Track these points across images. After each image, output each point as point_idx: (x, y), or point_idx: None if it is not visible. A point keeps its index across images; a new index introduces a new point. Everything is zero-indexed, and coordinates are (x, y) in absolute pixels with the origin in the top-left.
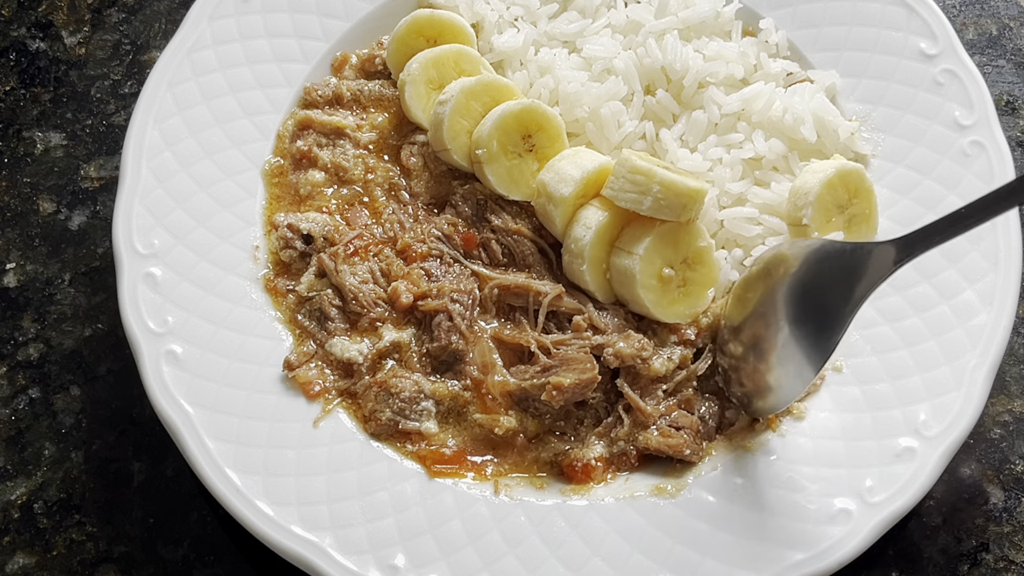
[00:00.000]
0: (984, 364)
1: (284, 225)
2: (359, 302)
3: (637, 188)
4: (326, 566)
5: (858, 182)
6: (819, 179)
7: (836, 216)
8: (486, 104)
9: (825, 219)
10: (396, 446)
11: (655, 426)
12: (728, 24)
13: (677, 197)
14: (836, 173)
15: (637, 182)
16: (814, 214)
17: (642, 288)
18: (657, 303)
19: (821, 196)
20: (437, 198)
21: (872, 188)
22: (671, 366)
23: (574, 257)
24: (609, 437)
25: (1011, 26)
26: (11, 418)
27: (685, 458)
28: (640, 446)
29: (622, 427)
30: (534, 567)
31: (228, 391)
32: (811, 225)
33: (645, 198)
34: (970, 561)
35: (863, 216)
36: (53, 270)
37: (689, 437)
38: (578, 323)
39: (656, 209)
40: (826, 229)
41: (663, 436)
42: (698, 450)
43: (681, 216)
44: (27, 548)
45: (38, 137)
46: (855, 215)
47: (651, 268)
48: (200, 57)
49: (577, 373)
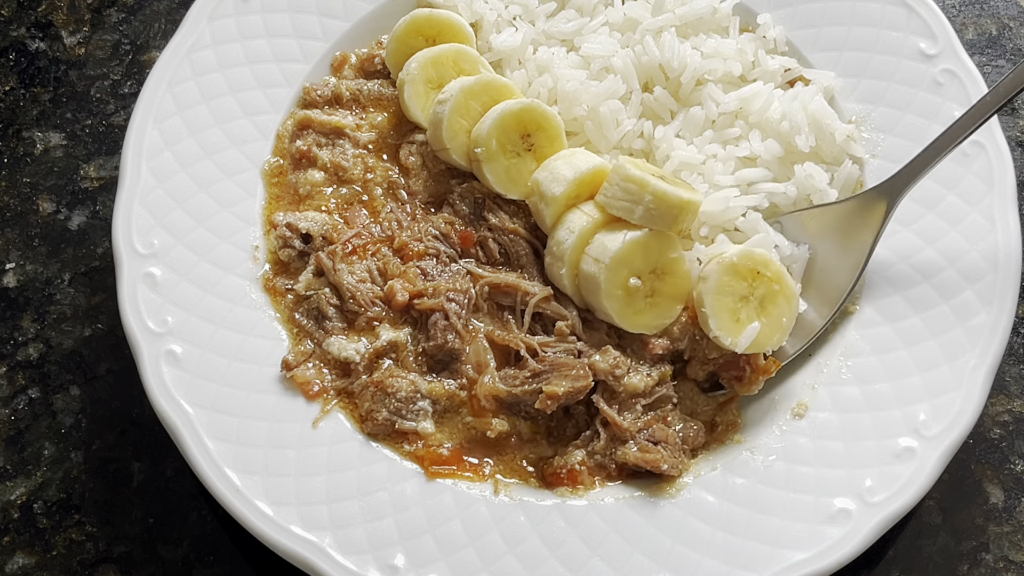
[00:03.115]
0: (984, 364)
1: (283, 224)
2: (357, 301)
3: (630, 197)
4: (326, 566)
5: (751, 263)
6: (709, 287)
7: (743, 308)
8: (485, 103)
9: (732, 318)
10: (393, 446)
11: (633, 441)
12: (725, 20)
13: (669, 208)
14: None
15: (630, 191)
16: (717, 322)
17: (607, 297)
18: (621, 313)
19: (716, 301)
20: (436, 197)
21: (770, 259)
22: (650, 382)
23: (555, 259)
24: (587, 450)
25: (1011, 26)
26: (11, 418)
27: (664, 472)
28: (619, 461)
29: (599, 441)
30: (534, 567)
31: (228, 391)
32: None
33: (637, 207)
34: (970, 561)
35: (772, 295)
36: (53, 270)
37: (667, 452)
38: (560, 329)
39: (647, 219)
40: (735, 330)
41: (641, 451)
42: (677, 464)
43: (672, 227)
44: (27, 548)
45: (38, 137)
46: (765, 296)
47: (617, 278)
48: (200, 57)
49: (571, 380)
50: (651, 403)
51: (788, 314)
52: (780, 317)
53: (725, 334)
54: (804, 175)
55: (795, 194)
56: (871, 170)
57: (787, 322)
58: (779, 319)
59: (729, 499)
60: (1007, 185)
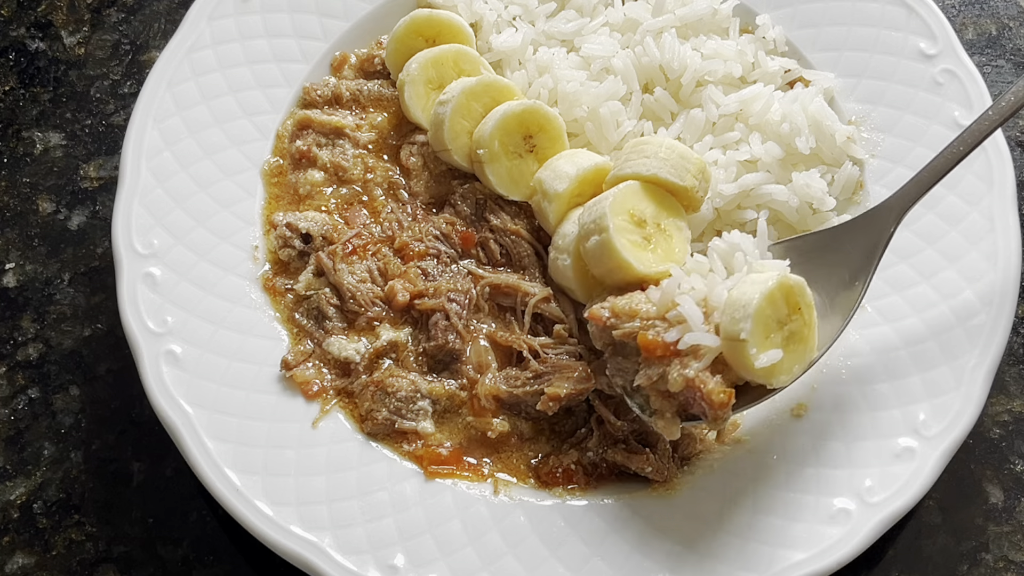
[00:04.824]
0: (983, 364)
1: (283, 224)
2: (357, 301)
3: (642, 154)
4: (325, 566)
5: (799, 296)
6: (759, 290)
7: (775, 332)
8: (487, 104)
9: (764, 335)
10: (393, 446)
11: (624, 441)
12: (725, 21)
13: (681, 158)
14: (777, 285)
15: (642, 150)
16: (753, 328)
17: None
18: (628, 248)
19: (761, 309)
20: (437, 198)
21: (812, 305)
22: None
23: (559, 253)
24: (580, 448)
25: (1011, 26)
26: (10, 418)
27: (647, 475)
28: (608, 459)
29: (591, 438)
30: (533, 567)
31: (227, 391)
32: (749, 340)
33: (650, 160)
34: (970, 561)
35: (800, 336)
36: (52, 270)
37: (654, 456)
38: (559, 332)
39: (659, 167)
40: (764, 346)
41: (630, 452)
42: (662, 469)
43: (685, 179)
44: (26, 548)
45: (37, 137)
46: (793, 332)
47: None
48: (199, 57)
49: (574, 382)
50: None
51: (801, 362)
52: (795, 362)
53: (753, 342)
54: (802, 183)
55: (797, 203)
56: (871, 170)
57: (798, 370)
58: (793, 363)
59: (729, 499)
60: (1007, 185)
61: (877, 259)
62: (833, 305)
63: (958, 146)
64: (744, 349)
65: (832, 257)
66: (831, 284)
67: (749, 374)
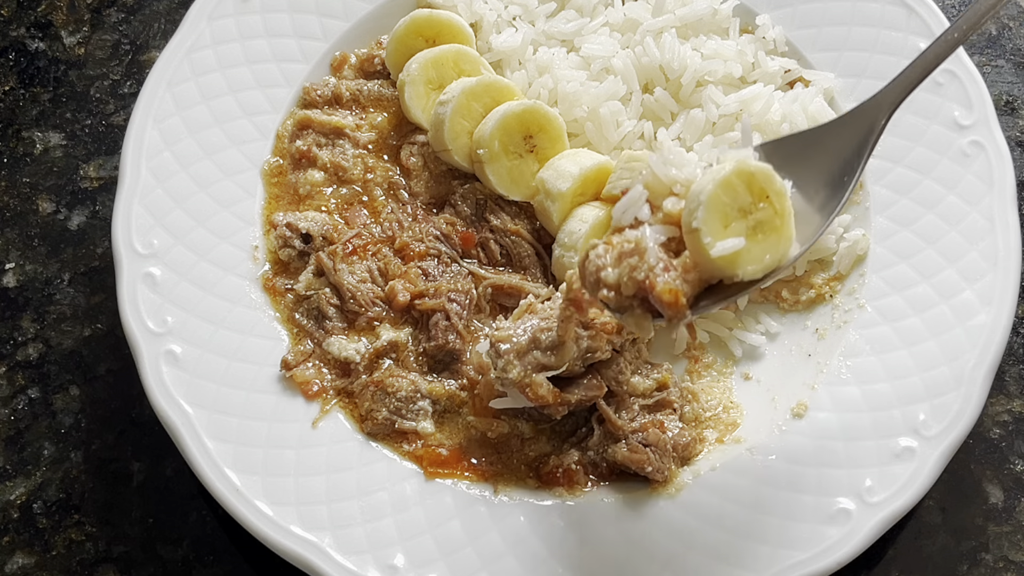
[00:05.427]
0: (983, 364)
1: (283, 224)
2: (357, 301)
3: (632, 172)
4: (325, 566)
5: (764, 183)
6: (713, 177)
7: (736, 221)
8: (487, 105)
9: (723, 223)
10: (393, 446)
11: (625, 440)
12: (725, 21)
13: None
14: (735, 171)
15: (633, 168)
16: (706, 216)
17: None
18: None
19: (715, 196)
20: (437, 198)
21: (784, 192)
22: (650, 385)
23: (565, 250)
24: (581, 447)
25: (1011, 26)
26: (10, 418)
27: (647, 475)
28: (609, 459)
29: (592, 438)
30: (533, 567)
31: (227, 391)
32: (702, 228)
33: (639, 176)
34: (969, 561)
35: (771, 225)
36: (52, 270)
37: (655, 455)
38: None
39: None
40: (722, 235)
41: (630, 451)
42: (663, 469)
43: None
44: (26, 548)
45: (37, 137)
46: (762, 222)
47: None
48: (199, 57)
49: (584, 389)
50: (650, 406)
51: (774, 253)
52: (764, 253)
53: (707, 231)
54: None
55: None
56: (871, 170)
57: (769, 260)
58: (763, 254)
59: (729, 499)
60: (1007, 185)
61: (866, 155)
62: (823, 205)
63: (952, 33)
64: (699, 238)
65: (820, 157)
66: (820, 183)
67: (710, 265)
